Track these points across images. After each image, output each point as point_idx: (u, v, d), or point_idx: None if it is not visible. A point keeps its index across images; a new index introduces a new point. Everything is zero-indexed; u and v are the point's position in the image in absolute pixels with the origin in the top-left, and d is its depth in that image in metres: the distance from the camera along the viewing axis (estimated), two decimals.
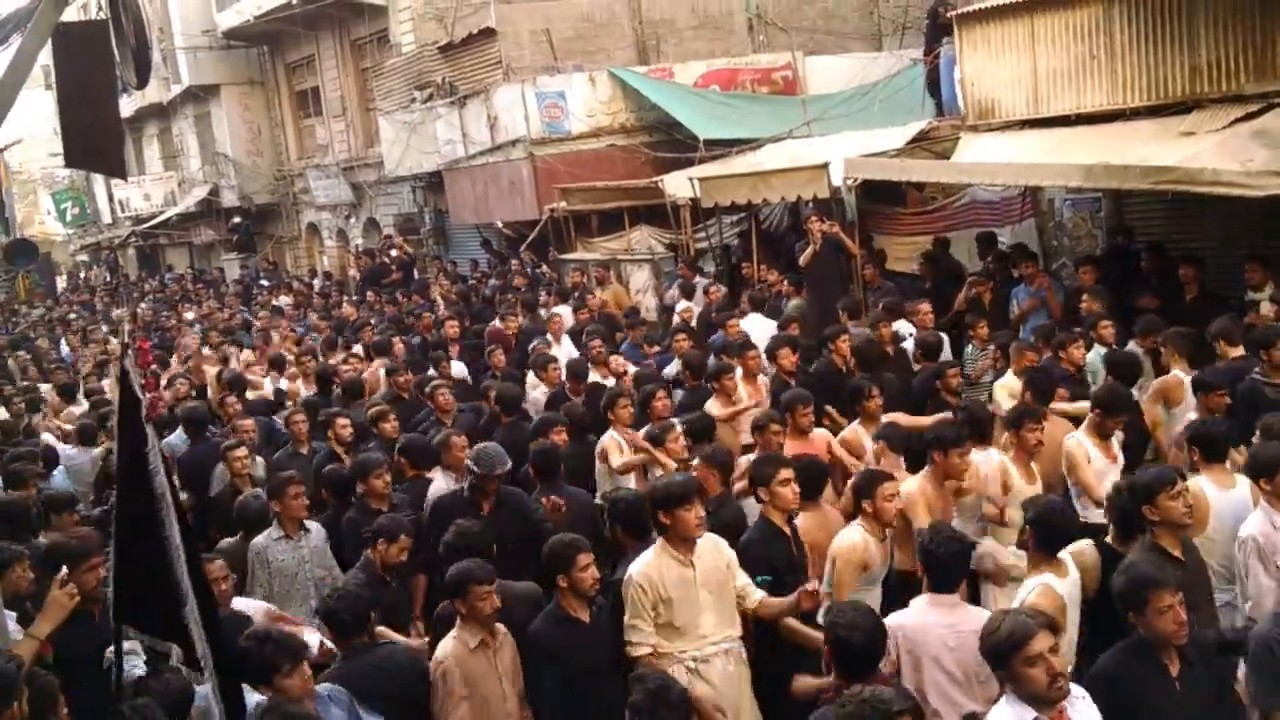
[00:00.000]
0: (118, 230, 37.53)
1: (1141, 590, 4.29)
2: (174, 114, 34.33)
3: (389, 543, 6.21)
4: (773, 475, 5.87)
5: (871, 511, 5.80)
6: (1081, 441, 6.90)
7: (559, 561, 5.31)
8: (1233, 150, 8.71)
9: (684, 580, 5.28)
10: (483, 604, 5.17)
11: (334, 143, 27.88)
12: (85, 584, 5.43)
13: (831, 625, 4.40)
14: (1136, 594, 4.30)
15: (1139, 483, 5.31)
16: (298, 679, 4.57)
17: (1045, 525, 5.10)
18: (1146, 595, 4.27)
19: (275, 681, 4.54)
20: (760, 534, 5.90)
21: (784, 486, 5.84)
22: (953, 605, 4.94)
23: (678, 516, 5.27)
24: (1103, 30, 10.68)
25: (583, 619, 5.32)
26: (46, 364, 17.36)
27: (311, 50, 27.85)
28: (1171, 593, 4.26)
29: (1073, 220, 12.80)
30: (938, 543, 4.95)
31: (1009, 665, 3.80)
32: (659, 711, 4.18)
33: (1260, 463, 5.53)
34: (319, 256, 30.08)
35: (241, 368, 13.78)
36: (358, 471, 7.40)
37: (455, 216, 22.34)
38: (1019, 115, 11.71)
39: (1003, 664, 3.83)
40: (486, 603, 5.17)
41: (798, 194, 13.37)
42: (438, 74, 21.58)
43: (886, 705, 3.59)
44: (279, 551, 6.86)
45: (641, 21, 20.55)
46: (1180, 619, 4.24)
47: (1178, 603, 4.25)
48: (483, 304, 16.52)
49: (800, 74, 19.63)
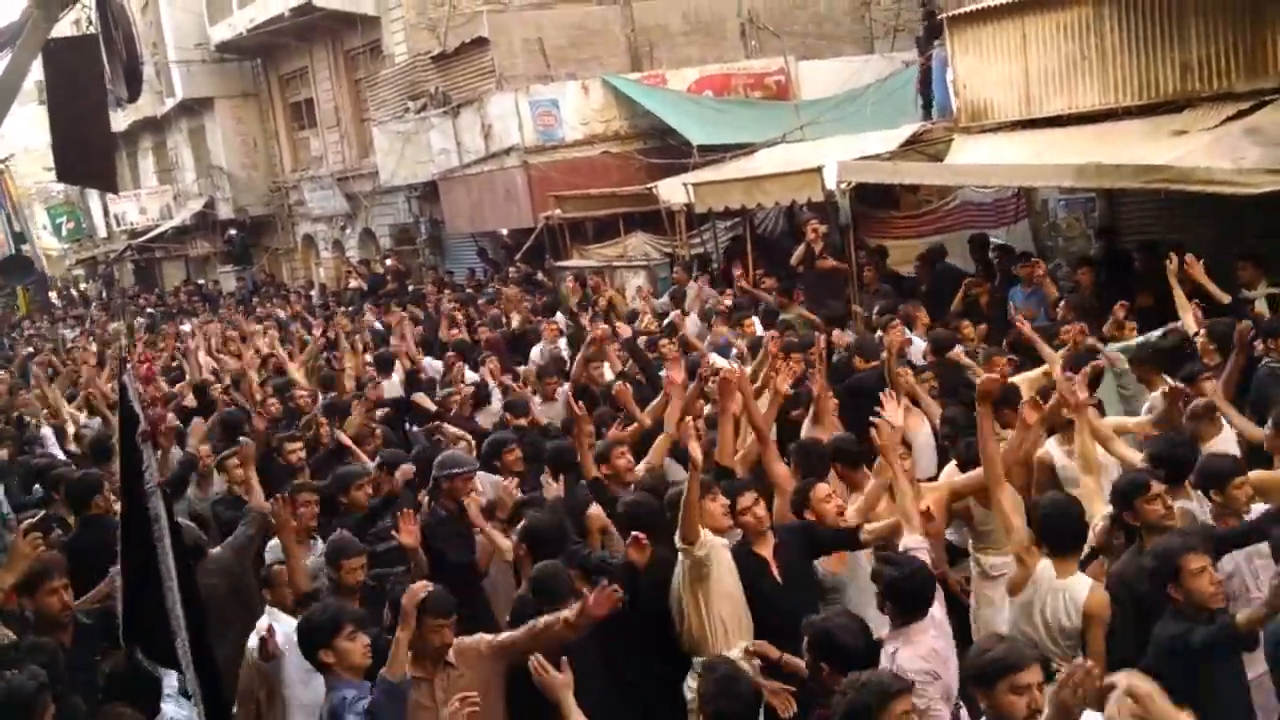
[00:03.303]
0: (113, 244, 37.52)
1: (1172, 558, 4.38)
2: (168, 127, 34.33)
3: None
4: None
5: (814, 518, 5.80)
6: (1048, 450, 6.67)
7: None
8: (1225, 148, 8.73)
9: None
10: (432, 636, 4.84)
11: (328, 154, 27.89)
12: (48, 606, 5.42)
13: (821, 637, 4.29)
14: (1167, 563, 4.39)
15: (1116, 490, 5.29)
16: (359, 645, 4.73)
17: (1051, 527, 5.03)
18: (1178, 562, 4.36)
19: (335, 643, 4.70)
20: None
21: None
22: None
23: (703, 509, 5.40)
24: (1094, 30, 10.69)
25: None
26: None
27: (305, 62, 27.87)
28: (1199, 555, 4.34)
29: (1066, 221, 12.81)
30: (902, 570, 4.66)
31: (992, 688, 3.67)
32: (725, 701, 4.13)
33: (1207, 474, 5.33)
34: (315, 268, 30.07)
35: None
36: (337, 485, 7.37)
37: (451, 226, 22.35)
38: (1011, 116, 11.72)
39: (986, 685, 3.70)
40: (435, 636, 4.84)
41: (792, 198, 13.38)
42: (431, 84, 21.59)
43: (885, 687, 3.64)
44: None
45: (634, 28, 20.58)
46: (1216, 578, 4.34)
47: (1209, 563, 4.34)
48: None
49: (793, 78, 19.66)
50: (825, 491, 5.90)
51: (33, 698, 4.08)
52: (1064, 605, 4.84)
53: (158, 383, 13.13)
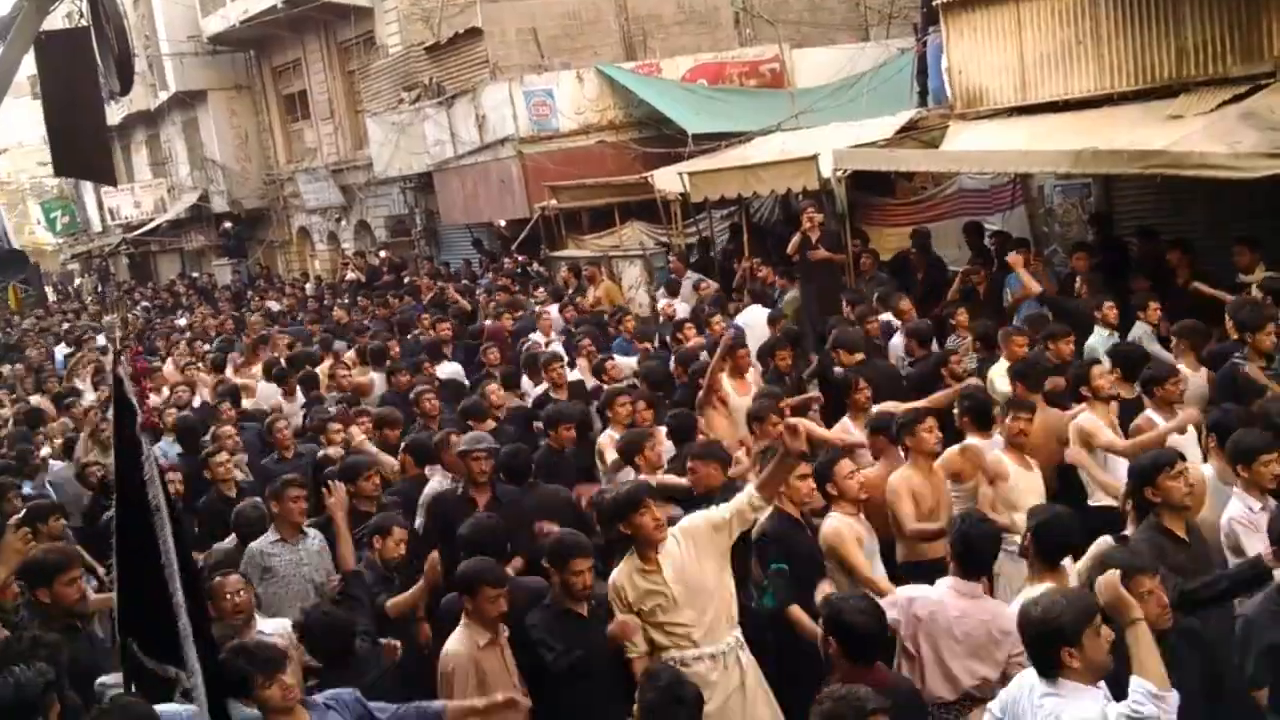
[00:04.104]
0: (108, 238, 37.44)
1: (1127, 576, 4.26)
2: (162, 120, 34.25)
3: (384, 537, 6.30)
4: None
5: (836, 493, 5.94)
6: (1093, 419, 6.85)
7: (556, 559, 5.29)
8: (1220, 133, 8.71)
9: (653, 584, 5.18)
10: (491, 606, 5.16)
11: (322, 145, 27.84)
12: (66, 597, 5.42)
13: (834, 615, 4.38)
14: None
15: (1140, 464, 5.34)
16: (277, 690, 4.51)
17: (1047, 535, 4.94)
18: (1129, 582, 4.22)
19: (256, 694, 4.51)
20: (774, 525, 5.87)
21: (801, 480, 5.87)
22: (974, 595, 4.93)
23: (634, 524, 5.19)
24: (1088, 15, 10.68)
25: (580, 613, 5.30)
26: (40, 375, 17.27)
27: (298, 54, 27.79)
28: (1150, 577, 4.24)
29: (1063, 207, 12.80)
30: (970, 524, 4.99)
31: (1080, 639, 3.73)
32: (670, 709, 4.16)
33: (1240, 449, 5.45)
34: (310, 260, 30.03)
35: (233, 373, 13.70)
36: (346, 474, 7.37)
37: (446, 217, 22.33)
38: (1007, 103, 11.70)
39: (1073, 640, 3.74)
40: (495, 605, 5.16)
41: (787, 186, 13.35)
42: (425, 74, 21.55)
43: (861, 703, 3.63)
44: (276, 556, 6.83)
45: (628, 18, 20.53)
46: (1163, 602, 4.25)
47: (1157, 587, 4.25)
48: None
49: (788, 66, 19.61)
50: (849, 467, 6.05)
51: (39, 696, 4.06)
52: None
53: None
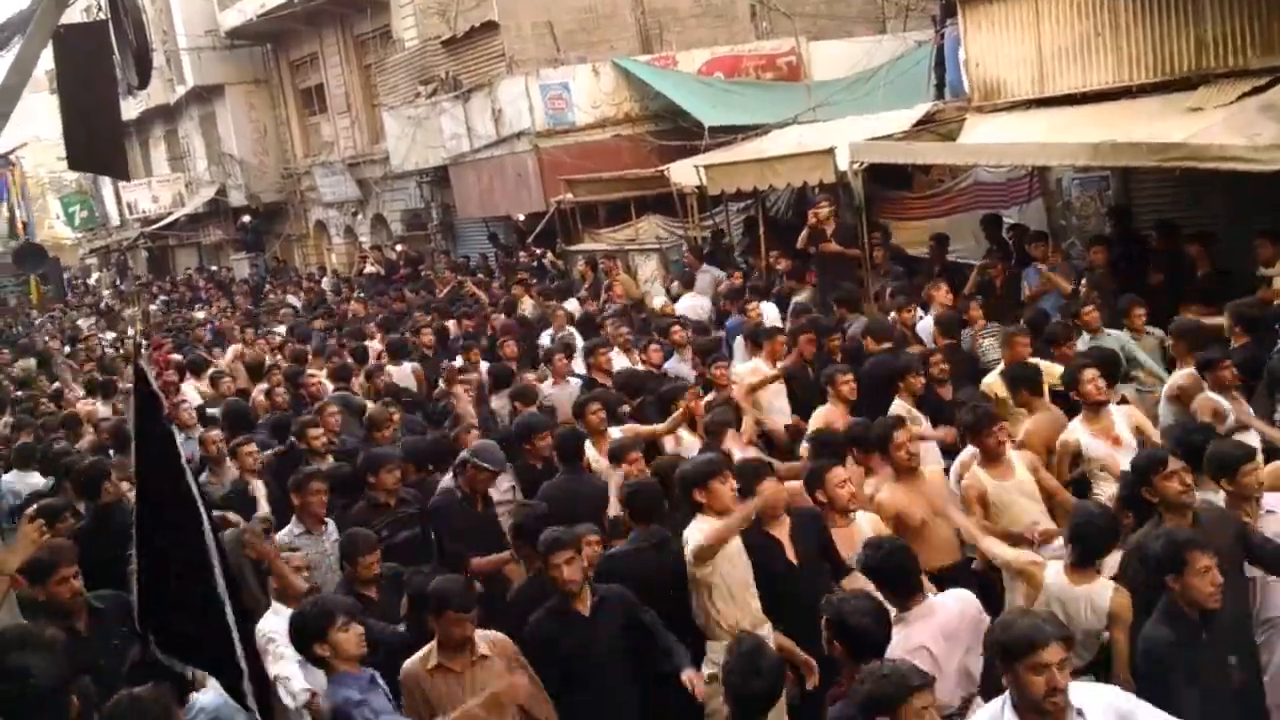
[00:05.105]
0: (126, 232, 37.63)
1: (1179, 551, 4.33)
2: (179, 115, 34.39)
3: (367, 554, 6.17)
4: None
5: (826, 500, 5.86)
6: (1075, 430, 6.66)
7: (545, 551, 5.30)
8: (1240, 125, 8.64)
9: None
10: (455, 629, 4.97)
11: (339, 139, 27.90)
12: (59, 595, 5.40)
13: (837, 616, 4.31)
14: (1174, 556, 4.33)
15: (1134, 467, 5.28)
16: (353, 635, 4.74)
17: (1085, 535, 4.95)
18: (1185, 556, 4.31)
19: (330, 636, 4.69)
20: None
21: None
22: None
23: (711, 490, 5.40)
24: (1107, 7, 10.60)
25: (581, 612, 5.25)
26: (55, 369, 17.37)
27: (315, 47, 27.85)
28: (1209, 555, 4.29)
29: (1080, 200, 12.72)
30: None
31: (1014, 667, 3.66)
32: (749, 678, 4.12)
33: (1219, 463, 5.23)
34: (327, 254, 30.12)
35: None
36: (368, 465, 7.40)
37: (462, 211, 22.35)
38: (1024, 95, 11.63)
39: (1008, 663, 3.69)
40: (459, 629, 4.97)
41: (804, 179, 13.30)
42: (441, 68, 21.57)
43: (905, 679, 3.62)
44: (303, 547, 6.86)
45: (644, 11, 20.51)
46: (1217, 580, 4.27)
47: (1214, 564, 4.28)
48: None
49: (804, 59, 19.58)
50: (841, 476, 5.93)
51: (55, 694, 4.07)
52: (1083, 610, 4.82)
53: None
